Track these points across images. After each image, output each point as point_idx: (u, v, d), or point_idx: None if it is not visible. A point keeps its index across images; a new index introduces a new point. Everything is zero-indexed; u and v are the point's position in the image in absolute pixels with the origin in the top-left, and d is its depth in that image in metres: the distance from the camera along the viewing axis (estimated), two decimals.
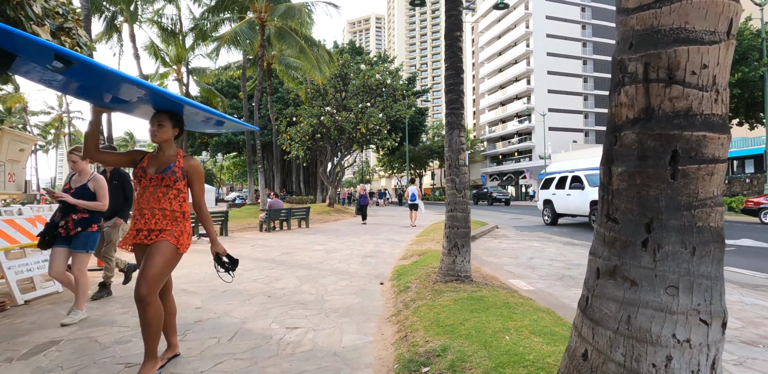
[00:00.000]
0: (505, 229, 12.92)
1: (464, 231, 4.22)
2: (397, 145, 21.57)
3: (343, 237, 10.35)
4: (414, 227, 13.87)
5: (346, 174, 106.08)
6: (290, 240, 10.01)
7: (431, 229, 11.08)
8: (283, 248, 8.41)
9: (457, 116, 4.27)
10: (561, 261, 6.65)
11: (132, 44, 17.67)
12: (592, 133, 50.55)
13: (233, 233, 12.32)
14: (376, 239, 9.88)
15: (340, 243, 9.21)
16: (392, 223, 15.07)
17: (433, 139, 62.70)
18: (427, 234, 10.01)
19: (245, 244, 9.23)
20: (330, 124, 17.91)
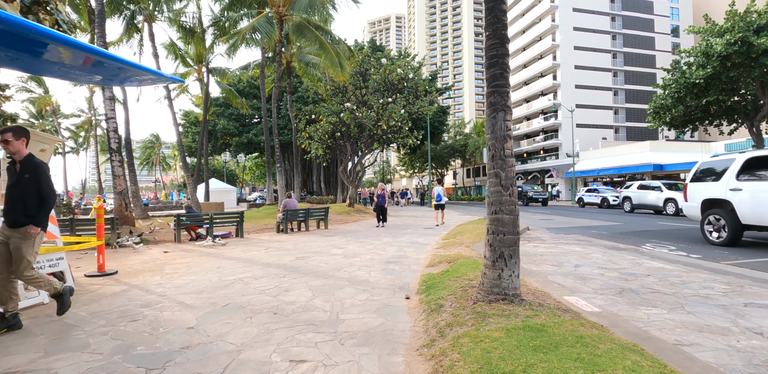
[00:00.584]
0: (537, 231, 11.98)
1: (512, 238, 3.43)
2: (419, 142, 20.75)
3: (363, 240, 9.66)
4: (439, 226, 13.82)
5: (367, 173, 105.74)
6: (307, 242, 9.39)
7: (458, 231, 10.26)
8: (299, 252, 7.78)
9: (501, 95, 3.48)
10: (613, 270, 5.77)
11: (151, 43, 17.48)
12: (623, 129, 48.42)
13: (249, 234, 11.82)
14: (398, 242, 9.15)
15: (360, 246, 8.52)
16: (415, 225, 14.31)
17: (455, 137, 61.52)
18: (453, 237, 9.22)
19: (259, 247, 8.65)
20: (350, 121, 17.27)
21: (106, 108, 11.06)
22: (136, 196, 14.73)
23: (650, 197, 19.03)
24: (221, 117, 41.03)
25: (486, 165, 3.54)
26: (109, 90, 11.05)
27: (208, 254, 7.84)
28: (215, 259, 7.12)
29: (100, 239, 5.93)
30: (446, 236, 9.83)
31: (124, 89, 15.13)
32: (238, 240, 10.19)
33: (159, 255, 7.84)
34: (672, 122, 20.23)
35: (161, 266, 6.54)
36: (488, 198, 3.53)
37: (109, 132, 11.06)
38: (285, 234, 11.46)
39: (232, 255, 7.65)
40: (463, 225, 11.97)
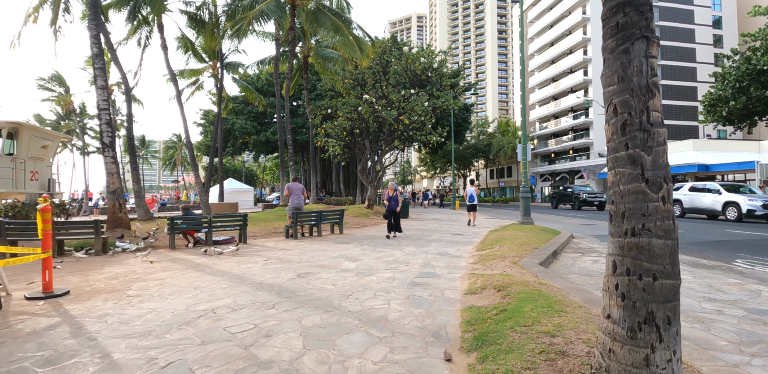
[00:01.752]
0: (585, 239, 10.28)
1: (671, 284, 1.80)
2: (443, 140, 19.17)
3: (381, 249, 8.19)
4: (471, 227, 13.49)
5: (387, 174, 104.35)
6: (316, 251, 7.99)
7: (494, 240, 8.67)
8: (303, 265, 6.37)
9: (639, 13, 1.89)
10: (730, 304, 4.13)
11: (160, 34, 16.50)
12: None
13: (255, 240, 10.53)
14: (424, 252, 7.65)
15: (378, 258, 7.06)
16: (441, 229, 12.76)
17: (479, 137, 59.45)
18: (490, 247, 7.65)
19: (258, 257, 7.29)
20: (368, 116, 15.84)
21: (99, 98, 9.97)
22: (139, 196, 13.69)
23: (705, 200, 16.92)
24: (239, 116, 40.36)
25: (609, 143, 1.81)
26: (102, 78, 9.96)
27: (196, 266, 6.53)
28: (199, 275, 5.79)
29: (46, 251, 4.65)
30: (481, 245, 8.26)
31: (126, 81, 14.12)
32: (239, 247, 8.88)
33: (138, 267, 6.57)
34: (729, 116, 18.05)
35: (129, 283, 5.24)
36: (614, 204, 1.94)
37: (102, 125, 9.97)
38: (293, 241, 10.10)
39: (223, 268, 6.31)
40: (498, 232, 10.36)
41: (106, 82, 10.03)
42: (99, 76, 9.91)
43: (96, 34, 9.91)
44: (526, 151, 13.53)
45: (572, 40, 46.18)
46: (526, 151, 13.53)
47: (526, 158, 13.50)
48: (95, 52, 9.93)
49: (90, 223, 8.28)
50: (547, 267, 6.02)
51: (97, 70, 9.87)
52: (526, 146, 13.56)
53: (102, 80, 9.95)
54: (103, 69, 9.95)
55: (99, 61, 9.91)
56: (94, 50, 9.92)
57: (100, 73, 9.89)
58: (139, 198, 13.56)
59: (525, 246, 7.37)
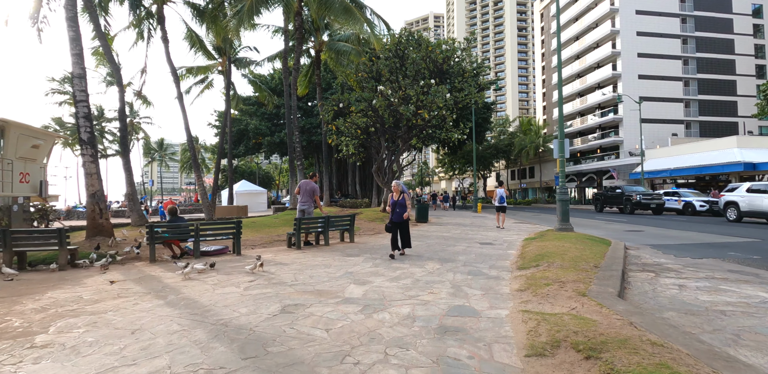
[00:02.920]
0: (643, 251, 8.54)
1: None
2: (465, 138, 17.54)
3: (397, 265, 6.66)
4: (500, 228, 13.22)
5: (404, 176, 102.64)
6: (317, 267, 6.52)
7: (537, 253, 7.03)
8: (295, 291, 4.90)
9: None
10: None
11: (160, 26, 15.43)
12: (695, 124, 42.59)
13: (254, 249, 9.15)
14: (451, 270, 6.09)
15: (393, 278, 5.54)
16: (466, 237, 11.14)
17: (499, 137, 57.28)
18: (535, 264, 6.03)
19: (245, 277, 5.86)
20: (383, 110, 14.34)
21: (75, 88, 8.78)
22: (132, 200, 12.51)
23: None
24: (253, 116, 39.49)
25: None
26: (79, 66, 8.75)
27: (161, 290, 5.14)
28: (155, 305, 4.38)
29: None
30: (522, 261, 6.63)
31: (118, 71, 12.97)
32: (228, 260, 7.48)
33: (91, 289, 5.23)
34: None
35: (55, 320, 3.87)
36: None
37: (79, 118, 8.75)
38: (295, 252, 8.67)
39: (192, 293, 4.90)
40: (537, 242, 8.70)
41: (84, 71, 8.82)
42: (76, 63, 8.70)
43: (72, 15, 8.73)
44: (564, 147, 11.81)
45: (599, 32, 43.77)
46: (564, 147, 11.81)
47: (563, 155, 11.78)
48: (72, 35, 8.73)
49: (53, 232, 7.01)
50: (626, 299, 4.39)
51: (74, 56, 8.68)
52: (563, 142, 11.85)
53: (79, 68, 8.74)
54: (80, 55, 8.75)
55: (76, 46, 8.71)
56: (71, 34, 8.72)
57: (77, 60, 8.69)
58: (133, 202, 12.38)
59: (580, 264, 5.74)
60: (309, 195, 9.85)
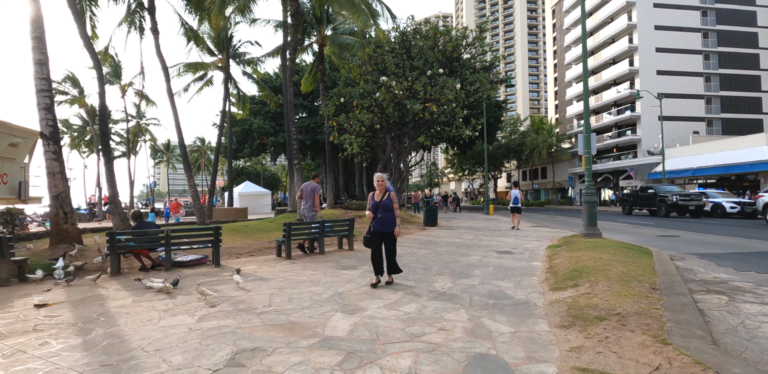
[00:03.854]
0: (691, 262, 7.23)
1: None
2: (476, 135, 16.28)
3: (400, 285, 5.46)
4: (516, 230, 13.10)
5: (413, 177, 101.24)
6: (300, 286, 5.34)
7: (570, 267, 5.76)
8: (260, 325, 3.71)
9: None
10: None
11: (150, 17, 14.45)
12: (717, 121, 40.66)
13: (239, 259, 8.03)
14: (466, 292, 4.87)
15: (392, 304, 4.34)
16: (480, 244, 9.89)
17: (510, 137, 55.73)
18: (572, 283, 4.78)
19: (202, 303, 4.69)
20: (387, 103, 13.14)
21: (36, 76, 7.74)
22: (114, 202, 11.47)
23: None
24: (257, 115, 38.57)
25: None
26: (40, 51, 7.71)
27: (91, 321, 4.00)
28: (65, 348, 3.24)
29: None
30: (554, 278, 5.38)
31: (96, 60, 11.94)
32: (203, 274, 6.35)
33: (11, 316, 4.11)
34: None
35: None
36: None
37: (40, 110, 7.71)
38: (283, 262, 7.51)
39: (126, 328, 3.75)
40: (566, 252, 7.42)
41: (46, 56, 7.78)
42: (36, 47, 7.67)
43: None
44: (590, 141, 10.50)
45: (615, 27, 42.09)
46: (590, 141, 10.50)
47: (590, 151, 10.47)
48: (32, 16, 7.69)
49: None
50: (716, 342, 3.13)
51: (34, 39, 7.65)
52: (589, 136, 10.53)
53: (40, 53, 7.70)
54: (41, 39, 7.71)
55: (36, 28, 7.68)
56: (31, 14, 7.69)
57: (37, 44, 7.65)
58: (114, 204, 11.34)
59: (632, 285, 4.49)
60: (311, 197, 8.81)
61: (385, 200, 5.26)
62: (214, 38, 21.24)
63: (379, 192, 5.36)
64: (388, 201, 5.26)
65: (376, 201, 5.28)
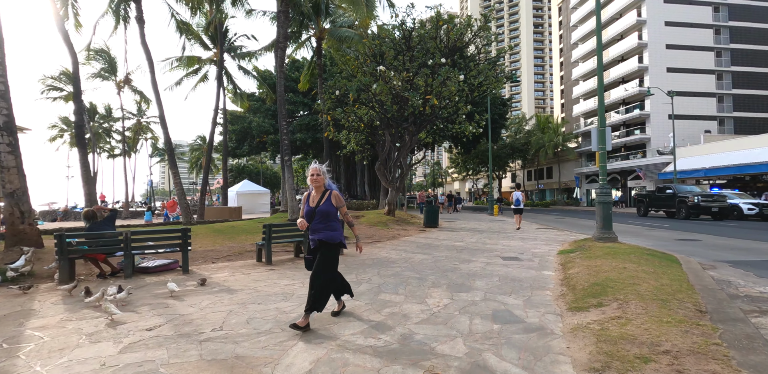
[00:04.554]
0: (722, 269, 6.37)
1: None
2: (480, 132, 15.40)
3: (387, 297, 4.61)
4: (519, 230, 13.00)
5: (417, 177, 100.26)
6: (267, 301, 4.49)
7: (590, 280, 4.87)
8: (193, 360, 2.85)
9: None
10: None
11: (136, 5, 13.66)
12: (729, 120, 39.47)
13: (214, 264, 7.20)
14: (465, 312, 4.00)
15: (372, 328, 3.49)
16: (484, 248, 9.01)
17: (515, 135, 54.66)
18: (596, 302, 3.90)
19: (141, 323, 3.84)
20: (384, 96, 12.28)
21: None
22: (92, 200, 10.67)
23: None
24: (257, 113, 37.81)
25: None
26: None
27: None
28: None
29: None
30: (572, 292, 4.48)
31: (69, 44, 11.09)
32: (161, 283, 5.52)
33: None
34: None
35: None
36: None
37: None
38: (261, 268, 6.67)
39: (21, 361, 2.91)
40: (580, 259, 6.53)
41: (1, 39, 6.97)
42: None
43: None
44: (605, 137, 9.59)
45: (624, 23, 40.98)
46: (605, 137, 9.59)
47: (604, 147, 9.56)
48: None
49: None
50: None
51: None
52: (603, 130, 9.62)
53: None
54: None
55: None
56: None
57: None
58: (91, 202, 10.54)
59: (672, 305, 3.61)
60: None
61: (323, 205, 3.65)
62: (208, 31, 20.47)
63: (315, 194, 3.74)
64: (328, 205, 3.65)
65: (311, 206, 3.67)
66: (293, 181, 13.26)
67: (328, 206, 3.65)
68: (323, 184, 3.72)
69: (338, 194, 3.75)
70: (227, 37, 21.92)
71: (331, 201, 3.68)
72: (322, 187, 3.72)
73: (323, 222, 3.65)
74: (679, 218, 19.33)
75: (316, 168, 3.70)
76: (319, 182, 3.69)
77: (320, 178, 3.69)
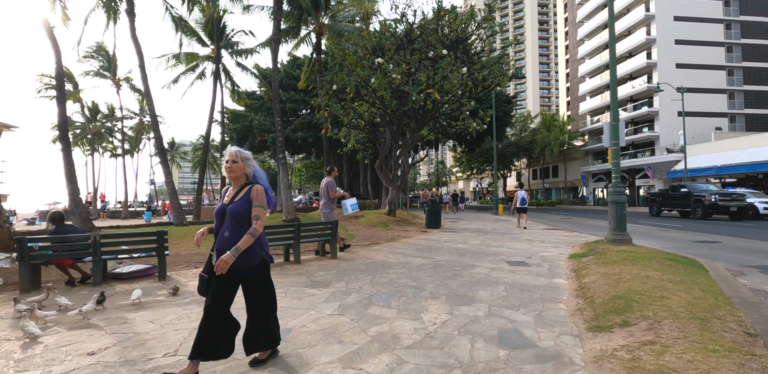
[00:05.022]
0: (752, 276, 5.79)
1: None
2: (484, 128, 14.82)
3: (376, 311, 4.05)
4: (523, 229, 13.09)
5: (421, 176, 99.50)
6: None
7: (611, 293, 4.27)
8: None
9: None
10: None
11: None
12: (740, 117, 38.50)
13: (197, 268, 6.67)
14: (467, 334, 3.43)
15: (356, 351, 2.92)
16: (488, 251, 8.42)
17: (520, 134, 53.84)
18: (620, 318, 3.31)
19: (86, 345, 3.29)
20: (383, 90, 11.70)
21: None
22: (75, 200, 10.19)
23: None
24: (258, 112, 37.38)
25: None
26: None
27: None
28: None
29: None
30: (590, 307, 3.88)
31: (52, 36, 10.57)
32: (128, 292, 4.98)
33: None
34: None
35: None
36: None
37: None
38: None
39: None
40: (595, 265, 5.92)
41: None
42: None
43: None
44: (618, 131, 8.97)
45: (631, 18, 40.08)
46: (618, 131, 8.97)
47: (617, 143, 8.93)
48: None
49: None
50: None
51: None
52: (617, 125, 9.00)
53: None
54: None
55: None
56: None
57: None
58: (75, 203, 10.06)
59: (713, 325, 3.02)
60: (325, 195, 7.98)
61: (237, 202, 2.61)
62: (206, 27, 19.99)
63: (233, 189, 2.74)
64: (243, 204, 2.60)
65: (224, 203, 2.69)
66: (288, 179, 12.71)
67: (244, 204, 2.58)
68: (243, 174, 2.68)
69: (263, 189, 2.65)
70: (225, 33, 21.42)
71: (249, 198, 2.60)
72: (241, 178, 2.69)
73: (236, 230, 2.56)
74: (695, 218, 18.54)
75: (233, 152, 2.68)
76: (235, 172, 2.65)
77: (237, 166, 2.65)
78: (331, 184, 8.00)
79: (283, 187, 12.04)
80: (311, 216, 14.12)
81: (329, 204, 8.03)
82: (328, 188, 7.96)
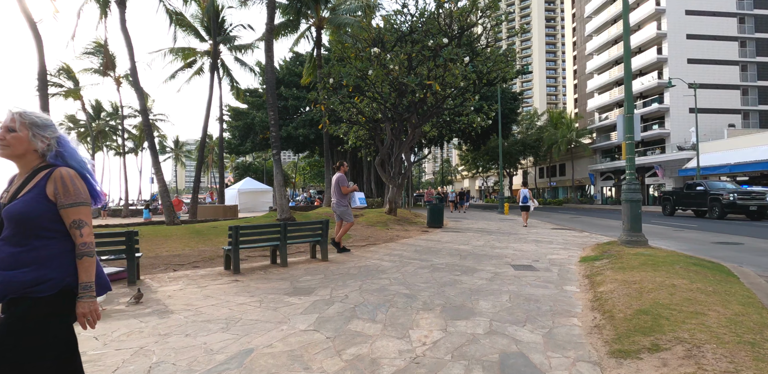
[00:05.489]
0: None
1: None
2: (489, 123, 14.23)
3: (356, 333, 3.48)
4: (525, 226, 13.15)
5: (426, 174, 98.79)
6: (201, 331, 3.38)
7: (640, 308, 3.67)
8: None
9: None
10: None
11: None
12: (754, 113, 37.47)
13: (176, 271, 6.16)
14: (463, 359, 2.86)
15: None
16: (491, 253, 7.82)
17: (526, 132, 52.98)
18: (649, 340, 2.72)
19: None
20: (380, 83, 11.11)
21: None
22: None
23: None
24: (260, 109, 36.93)
25: None
26: None
27: None
28: None
29: None
30: (610, 324, 3.28)
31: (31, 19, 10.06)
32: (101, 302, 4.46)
33: None
34: None
35: None
36: None
37: None
38: (224, 279, 5.59)
39: None
40: (611, 271, 5.30)
41: None
42: None
43: None
44: (633, 124, 8.30)
45: (641, 13, 39.13)
46: (633, 124, 8.30)
47: (632, 136, 8.27)
48: None
49: None
50: None
51: None
52: (631, 117, 8.33)
53: None
54: None
55: None
56: None
57: None
58: None
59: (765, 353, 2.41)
60: (337, 192, 7.54)
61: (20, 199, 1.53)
62: (204, 22, 19.50)
63: (18, 177, 1.64)
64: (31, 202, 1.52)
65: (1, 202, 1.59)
66: (282, 176, 12.17)
67: (33, 202, 1.52)
68: (29, 150, 1.59)
69: (75, 175, 1.61)
70: (223, 28, 20.94)
71: (45, 192, 1.54)
72: (29, 156, 1.61)
73: (16, 243, 1.51)
74: (712, 218, 17.73)
75: (13, 115, 1.58)
76: (13, 147, 1.57)
77: (15, 138, 1.56)
78: (342, 179, 7.51)
79: (276, 184, 11.51)
80: (308, 215, 13.59)
81: (342, 202, 7.52)
82: (339, 184, 7.48)
